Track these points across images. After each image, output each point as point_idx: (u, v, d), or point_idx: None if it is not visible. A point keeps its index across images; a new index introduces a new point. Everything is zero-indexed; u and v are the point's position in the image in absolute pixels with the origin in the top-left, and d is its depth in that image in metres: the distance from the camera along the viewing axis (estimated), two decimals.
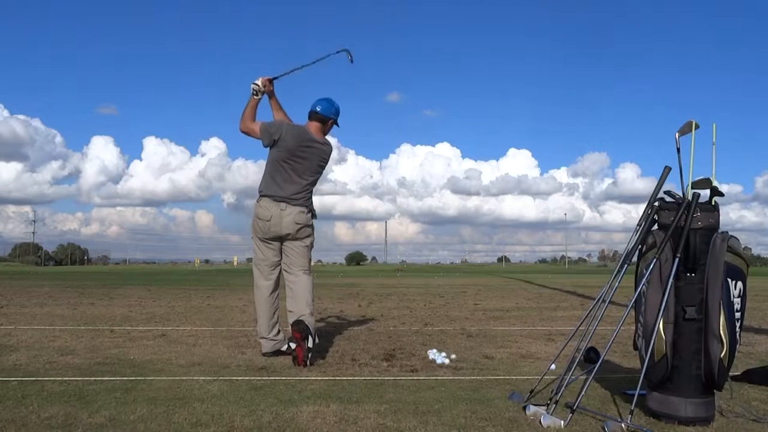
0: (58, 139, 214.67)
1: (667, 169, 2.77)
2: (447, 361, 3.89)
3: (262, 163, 4.23)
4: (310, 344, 3.70)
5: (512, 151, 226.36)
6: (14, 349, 4.36)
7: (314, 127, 4.12)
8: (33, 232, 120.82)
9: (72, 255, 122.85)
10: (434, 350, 4.12)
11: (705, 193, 2.66)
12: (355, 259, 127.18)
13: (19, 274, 30.45)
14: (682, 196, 2.66)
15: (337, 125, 4.20)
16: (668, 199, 2.68)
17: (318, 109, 4.10)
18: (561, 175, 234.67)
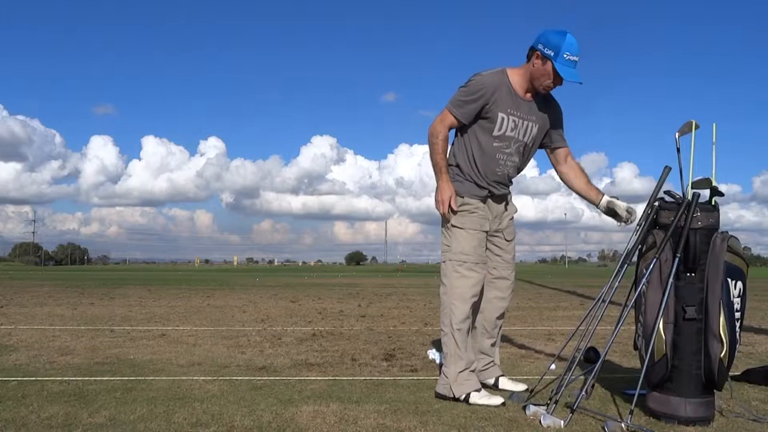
0: (57, 139, 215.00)
1: (667, 169, 2.77)
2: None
3: (261, 163, 4.07)
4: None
5: None
6: (14, 348, 4.36)
7: None
8: (33, 232, 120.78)
9: (72, 255, 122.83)
10: (434, 350, 4.12)
11: (705, 193, 2.66)
12: (355, 258, 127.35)
13: (19, 273, 30.43)
14: (681, 195, 2.66)
15: (544, 57, 2.81)
16: (668, 198, 2.68)
17: None
18: None
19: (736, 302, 2.55)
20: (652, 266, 2.57)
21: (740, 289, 2.56)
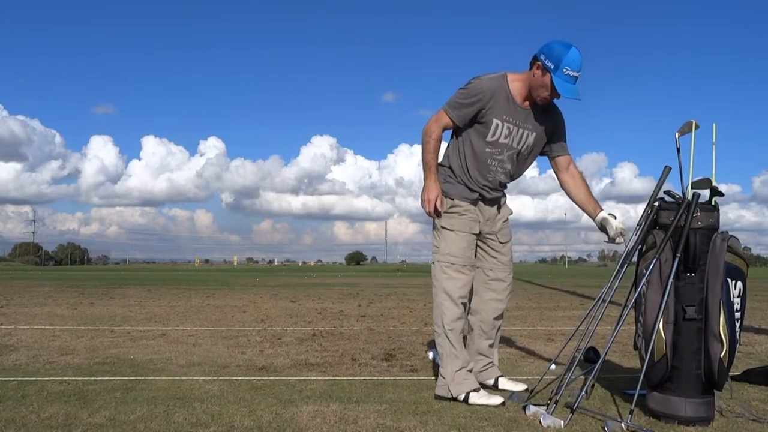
0: (57, 139, 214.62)
1: (668, 169, 2.77)
2: None
3: (261, 163, 4.03)
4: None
5: None
6: (14, 348, 4.36)
7: None
8: (33, 232, 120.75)
9: (72, 255, 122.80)
10: (434, 350, 4.11)
11: (704, 194, 2.66)
12: (355, 258, 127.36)
13: (19, 273, 30.42)
14: (681, 195, 2.66)
15: (544, 69, 2.78)
16: (668, 198, 2.68)
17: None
18: None
19: (736, 302, 2.55)
20: (652, 266, 2.58)
21: (740, 289, 2.56)
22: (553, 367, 3.24)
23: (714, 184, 2.64)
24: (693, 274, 2.54)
